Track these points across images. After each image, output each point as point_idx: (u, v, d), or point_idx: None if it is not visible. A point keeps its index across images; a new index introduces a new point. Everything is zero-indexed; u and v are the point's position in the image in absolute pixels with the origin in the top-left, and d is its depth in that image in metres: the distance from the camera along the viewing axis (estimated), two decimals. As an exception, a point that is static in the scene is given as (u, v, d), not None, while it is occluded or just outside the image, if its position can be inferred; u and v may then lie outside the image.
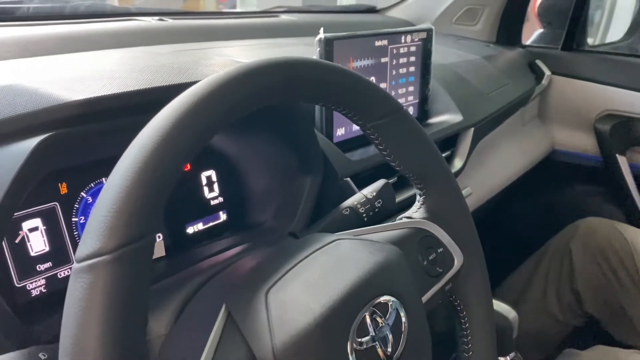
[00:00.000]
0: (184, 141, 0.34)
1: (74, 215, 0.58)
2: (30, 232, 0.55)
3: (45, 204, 0.56)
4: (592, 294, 1.17)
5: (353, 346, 0.40)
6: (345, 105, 0.48)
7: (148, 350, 0.43)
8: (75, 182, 0.58)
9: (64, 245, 0.57)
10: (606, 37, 1.99)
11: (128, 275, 0.30)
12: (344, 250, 0.47)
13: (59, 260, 0.57)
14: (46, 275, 0.56)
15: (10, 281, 0.53)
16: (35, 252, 0.55)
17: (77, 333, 0.29)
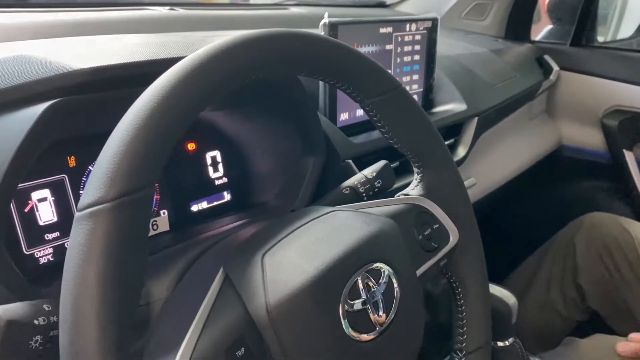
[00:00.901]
0: (184, 102, 0.35)
1: (81, 187, 0.60)
2: (40, 203, 0.57)
3: (54, 175, 0.58)
4: (596, 289, 1.17)
5: (345, 308, 0.41)
6: (344, 81, 0.49)
7: (150, 312, 0.45)
8: (83, 155, 0.60)
9: (71, 216, 0.59)
10: (617, 34, 1.98)
11: (127, 223, 0.32)
12: (339, 220, 0.48)
13: (67, 230, 0.59)
14: (54, 244, 0.58)
15: (20, 248, 0.55)
16: (44, 221, 0.57)
17: (77, 274, 0.30)
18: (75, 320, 0.30)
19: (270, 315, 0.39)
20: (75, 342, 0.30)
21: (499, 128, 1.26)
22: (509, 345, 0.83)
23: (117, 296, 0.31)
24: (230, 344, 0.37)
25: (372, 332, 0.43)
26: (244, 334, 0.39)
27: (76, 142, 0.58)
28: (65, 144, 0.56)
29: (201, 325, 0.37)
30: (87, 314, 0.30)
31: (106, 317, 0.30)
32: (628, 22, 1.88)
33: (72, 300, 0.31)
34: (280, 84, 0.65)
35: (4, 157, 0.43)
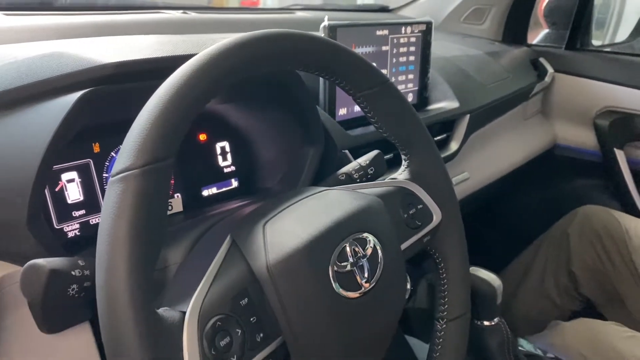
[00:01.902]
0: (197, 89, 0.42)
1: (105, 171, 0.68)
2: (68, 183, 0.64)
3: (81, 159, 0.65)
4: (588, 275, 1.24)
5: (334, 269, 0.48)
6: (338, 76, 0.56)
7: (166, 275, 0.52)
8: (107, 143, 0.67)
9: (95, 196, 0.67)
10: (615, 38, 2.04)
11: (151, 186, 0.39)
12: (332, 197, 0.55)
13: (91, 208, 0.66)
14: (80, 220, 0.65)
15: (51, 223, 0.62)
16: (71, 200, 0.64)
17: (111, 225, 0.37)
18: (109, 263, 0.37)
19: (270, 273, 0.46)
20: (109, 280, 0.37)
21: (494, 126, 1.32)
22: (495, 325, 0.89)
23: (144, 244, 0.38)
24: (235, 294, 0.44)
25: (358, 291, 0.49)
26: (247, 287, 0.46)
27: (100, 131, 0.66)
28: (91, 132, 0.63)
29: (212, 278, 0.44)
30: (120, 257, 0.37)
31: (135, 260, 0.37)
32: (624, 27, 1.94)
33: (107, 246, 0.38)
34: (283, 81, 0.72)
35: (43, 140, 0.50)
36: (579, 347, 0.95)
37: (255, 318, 0.45)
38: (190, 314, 0.41)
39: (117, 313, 0.37)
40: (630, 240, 1.20)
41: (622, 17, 2.05)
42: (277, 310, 0.46)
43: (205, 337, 0.41)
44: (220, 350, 0.41)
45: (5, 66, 0.57)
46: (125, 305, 0.37)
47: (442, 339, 0.64)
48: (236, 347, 0.43)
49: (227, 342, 0.42)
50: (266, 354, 0.45)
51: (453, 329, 0.64)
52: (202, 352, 0.40)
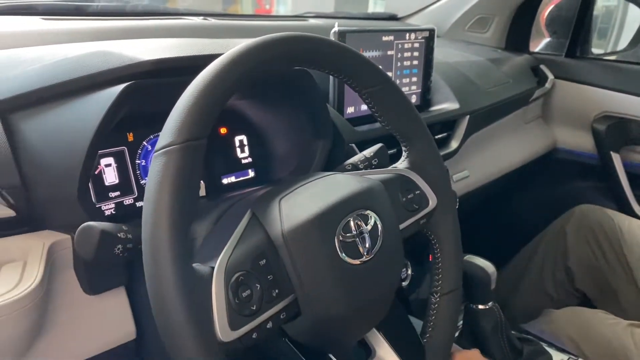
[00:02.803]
0: (229, 80, 0.50)
1: (138, 158, 0.76)
2: (106, 167, 0.73)
3: (117, 147, 0.74)
4: (583, 271, 1.30)
5: (339, 238, 0.56)
6: (346, 74, 0.64)
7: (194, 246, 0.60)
8: (140, 133, 0.76)
9: (129, 180, 0.75)
10: (617, 47, 2.11)
11: (189, 160, 0.47)
12: (338, 179, 0.63)
13: (125, 190, 0.75)
14: (115, 201, 0.73)
15: (92, 201, 0.70)
16: (108, 182, 0.73)
17: (155, 191, 0.46)
18: (154, 222, 0.45)
19: (285, 239, 0.54)
20: (154, 237, 0.45)
21: (495, 128, 1.40)
22: (489, 308, 0.96)
23: (182, 208, 0.46)
24: (255, 256, 0.52)
25: (360, 259, 0.57)
26: (265, 250, 0.54)
27: (134, 122, 0.74)
28: (126, 123, 0.71)
29: (235, 242, 0.52)
30: (163, 217, 0.45)
31: (175, 220, 0.45)
32: (625, 36, 2.01)
33: (152, 208, 0.46)
34: (296, 81, 0.80)
35: (92, 126, 0.58)
36: (568, 333, 1.02)
37: (271, 276, 0.53)
38: (218, 268, 0.49)
39: (160, 263, 0.45)
40: (623, 237, 1.27)
41: (623, 26, 2.12)
42: (290, 271, 0.54)
43: (230, 288, 0.49)
44: (242, 300, 0.49)
45: (58, 62, 0.65)
46: (166, 257, 0.45)
47: (436, 310, 0.71)
48: (255, 299, 0.50)
49: (248, 294, 0.50)
50: (280, 308, 0.53)
51: (446, 302, 0.71)
52: (227, 300, 0.48)
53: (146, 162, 0.77)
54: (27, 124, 0.62)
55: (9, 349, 0.54)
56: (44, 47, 0.79)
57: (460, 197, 1.13)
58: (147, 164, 0.77)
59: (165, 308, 0.45)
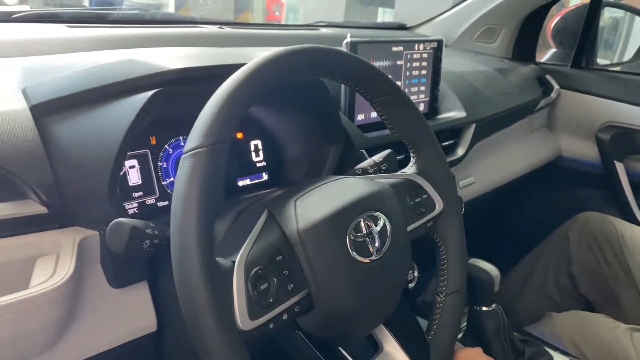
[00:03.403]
0: (253, 88, 0.54)
1: (159, 160, 0.80)
2: (130, 169, 0.77)
3: (141, 149, 0.78)
4: (586, 276, 1.34)
5: (351, 237, 0.60)
6: (358, 84, 0.68)
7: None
8: (162, 137, 0.80)
9: (151, 181, 0.79)
10: (623, 58, 2.14)
11: (215, 161, 0.51)
12: (350, 182, 0.67)
13: (148, 191, 0.79)
14: (138, 200, 0.78)
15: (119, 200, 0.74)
16: (132, 183, 0.77)
17: (184, 190, 0.50)
18: (183, 218, 0.49)
19: (300, 237, 0.57)
20: (182, 232, 0.49)
21: (501, 136, 1.44)
22: (492, 310, 1.00)
23: (208, 206, 0.50)
24: (272, 252, 0.56)
25: (369, 258, 0.61)
26: (281, 247, 0.57)
27: (157, 126, 0.78)
28: (149, 127, 0.76)
29: (254, 239, 0.56)
30: (190, 214, 0.49)
31: (202, 217, 0.49)
32: (631, 48, 2.04)
33: (181, 206, 0.50)
34: (310, 89, 0.84)
35: (122, 128, 0.63)
36: (569, 335, 1.05)
37: (287, 271, 0.57)
38: (238, 262, 0.53)
39: (187, 255, 0.49)
40: (625, 244, 1.30)
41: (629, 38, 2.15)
42: (304, 266, 0.58)
43: (250, 280, 0.53)
44: (260, 292, 0.53)
45: (89, 69, 0.70)
46: (193, 250, 0.49)
47: (441, 310, 0.74)
48: (272, 292, 0.54)
49: (265, 287, 0.54)
50: (295, 301, 0.57)
51: (450, 301, 0.75)
52: (247, 291, 0.52)
53: (167, 164, 0.81)
54: (60, 126, 0.66)
55: (42, 336, 0.58)
56: (73, 55, 0.83)
57: (466, 203, 1.16)
58: (168, 167, 0.81)
59: (192, 297, 0.48)
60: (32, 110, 0.66)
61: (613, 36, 2.16)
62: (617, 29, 2.15)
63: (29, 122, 0.65)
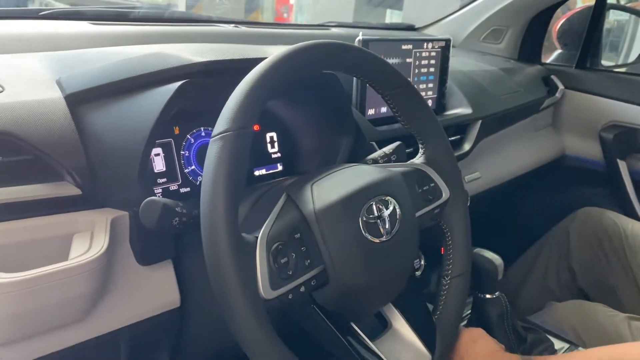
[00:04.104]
0: (275, 79, 0.59)
1: (182, 149, 0.85)
2: (155, 157, 0.82)
3: (165, 138, 0.83)
4: (585, 271, 1.37)
5: (363, 219, 0.64)
6: (370, 78, 0.73)
7: None
8: (184, 127, 0.85)
9: (175, 169, 0.84)
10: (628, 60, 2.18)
11: (241, 145, 0.56)
12: (363, 168, 0.71)
13: (171, 178, 0.84)
14: (163, 186, 0.82)
15: (148, 183, 0.79)
16: (157, 170, 0.82)
17: (213, 170, 0.54)
18: (212, 196, 0.54)
19: (317, 216, 0.62)
20: (212, 209, 0.54)
21: (506, 134, 1.48)
22: (495, 298, 1.04)
23: (235, 186, 0.55)
24: (291, 230, 0.61)
25: (380, 238, 0.65)
26: (299, 226, 0.62)
27: (180, 117, 0.83)
28: (173, 118, 0.80)
29: (274, 218, 0.61)
30: (220, 193, 0.54)
31: (229, 195, 0.54)
32: (635, 50, 2.08)
33: (210, 185, 0.54)
34: (323, 82, 0.89)
35: (152, 116, 0.68)
36: (570, 323, 1.09)
37: (304, 248, 0.61)
38: (261, 237, 0.58)
39: (216, 228, 0.53)
40: (626, 239, 1.33)
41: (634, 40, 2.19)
42: (320, 244, 0.62)
43: (271, 254, 0.57)
44: (281, 265, 0.58)
45: (121, 61, 0.75)
46: (222, 224, 0.53)
47: (446, 291, 0.79)
48: (291, 266, 0.59)
49: (285, 261, 0.59)
50: (311, 275, 0.61)
51: (455, 284, 0.79)
52: (268, 264, 0.57)
53: (189, 153, 0.86)
54: (93, 115, 0.71)
55: (78, 305, 0.63)
56: (102, 49, 0.88)
57: (471, 197, 1.21)
58: (190, 155, 0.86)
59: (220, 266, 0.53)
60: (66, 100, 0.71)
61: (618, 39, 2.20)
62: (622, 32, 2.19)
63: (64, 110, 0.70)
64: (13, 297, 0.55)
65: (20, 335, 0.60)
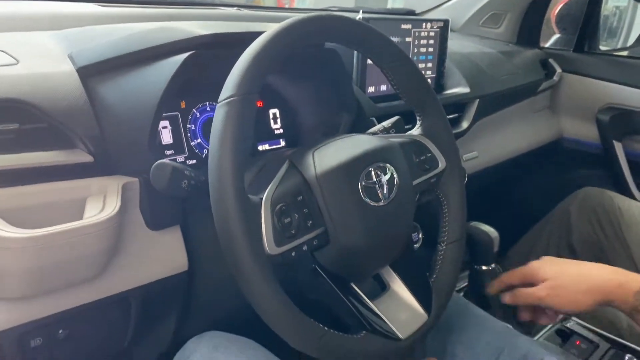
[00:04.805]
0: (277, 48, 0.62)
1: (188, 123, 0.88)
2: (163, 129, 0.85)
3: (172, 112, 0.86)
4: (585, 248, 1.40)
5: (362, 183, 0.68)
6: (370, 50, 0.76)
7: None
8: (190, 101, 0.88)
9: (181, 141, 0.87)
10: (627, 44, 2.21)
11: (246, 109, 0.59)
12: (362, 137, 0.75)
13: (178, 150, 0.87)
14: (170, 158, 0.86)
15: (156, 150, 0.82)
16: (165, 142, 0.85)
17: (220, 133, 0.57)
18: (220, 157, 0.57)
19: (318, 180, 0.65)
20: (221, 164, 0.57)
21: (504, 115, 1.51)
22: (491, 269, 1.07)
23: (241, 149, 0.58)
24: (294, 192, 0.64)
25: (379, 202, 0.69)
26: (302, 189, 0.65)
27: (186, 92, 0.86)
28: (180, 92, 0.84)
29: (278, 181, 0.64)
30: (227, 154, 0.57)
31: (236, 156, 0.57)
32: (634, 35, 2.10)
33: (217, 147, 0.58)
34: (325, 59, 0.92)
35: (160, 86, 0.71)
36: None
37: (306, 210, 0.65)
38: (265, 198, 0.61)
39: (224, 188, 0.57)
40: (622, 217, 1.37)
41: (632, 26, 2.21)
42: (322, 206, 0.66)
43: (275, 214, 0.61)
44: (284, 224, 0.61)
45: (129, 35, 0.78)
46: (229, 183, 0.57)
47: (442, 257, 0.82)
48: (294, 225, 0.62)
49: (288, 221, 0.62)
50: (313, 235, 0.65)
51: (451, 250, 0.82)
52: (273, 223, 0.60)
53: (195, 127, 0.89)
54: (104, 86, 0.74)
55: (92, 262, 0.66)
56: (112, 25, 0.91)
57: (469, 175, 1.24)
58: (196, 129, 0.89)
59: (228, 223, 0.57)
60: (78, 72, 0.74)
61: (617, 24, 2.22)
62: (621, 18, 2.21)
63: (77, 82, 0.73)
64: (30, 252, 0.59)
65: (37, 290, 0.63)
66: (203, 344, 0.75)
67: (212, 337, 0.76)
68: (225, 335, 0.76)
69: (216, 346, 0.74)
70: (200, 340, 0.75)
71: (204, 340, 0.75)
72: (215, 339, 0.75)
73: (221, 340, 0.75)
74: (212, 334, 0.77)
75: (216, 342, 0.74)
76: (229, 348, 0.73)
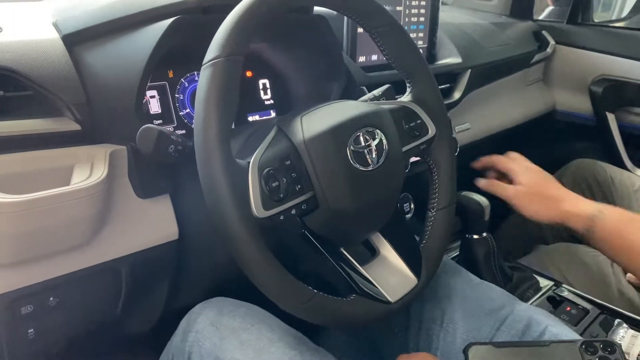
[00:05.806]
0: (262, 9, 0.61)
1: (177, 92, 0.88)
2: (151, 99, 0.85)
3: (160, 81, 0.86)
4: None
5: (351, 148, 0.67)
6: (358, 15, 0.75)
7: None
8: (178, 71, 0.88)
9: (170, 111, 0.87)
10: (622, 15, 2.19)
11: (232, 71, 0.58)
12: (350, 103, 0.74)
13: (167, 120, 0.87)
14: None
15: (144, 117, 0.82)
16: (153, 111, 0.85)
17: (204, 95, 0.57)
18: (205, 118, 0.57)
19: (306, 145, 0.65)
20: (205, 126, 0.56)
21: (497, 87, 1.50)
22: (482, 238, 1.08)
23: (226, 110, 0.57)
24: (282, 157, 0.64)
25: (367, 167, 0.69)
26: (290, 154, 0.65)
27: (174, 61, 0.86)
28: (167, 61, 0.83)
29: (265, 146, 0.64)
30: (212, 114, 0.56)
31: (221, 117, 0.57)
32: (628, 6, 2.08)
33: (202, 108, 0.57)
34: (314, 27, 0.91)
35: (146, 52, 0.70)
36: (555, 263, 1.13)
37: (295, 174, 0.64)
38: (252, 162, 0.61)
39: (209, 150, 0.57)
40: (613, 185, 1.37)
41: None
42: (310, 171, 0.65)
43: (263, 178, 0.61)
44: (272, 188, 0.61)
45: (114, 2, 0.77)
46: (215, 145, 0.56)
47: (432, 222, 0.82)
48: (282, 189, 0.62)
49: (276, 184, 0.62)
50: (302, 199, 0.65)
51: (440, 216, 0.82)
52: (260, 187, 0.60)
53: (183, 96, 0.89)
54: (90, 53, 0.73)
55: (81, 228, 0.66)
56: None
57: (461, 147, 1.24)
58: (184, 98, 0.89)
59: (215, 186, 0.56)
60: (64, 40, 0.74)
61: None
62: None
63: (62, 49, 0.73)
64: (18, 216, 0.59)
65: (26, 257, 0.63)
66: (209, 308, 0.75)
67: (218, 301, 0.77)
68: (231, 301, 0.77)
69: (221, 310, 0.74)
70: (207, 305, 0.76)
71: (210, 305, 0.76)
72: (221, 303, 0.76)
73: (226, 304, 0.76)
74: (218, 299, 0.77)
75: (221, 307, 0.75)
76: (234, 312, 0.74)
